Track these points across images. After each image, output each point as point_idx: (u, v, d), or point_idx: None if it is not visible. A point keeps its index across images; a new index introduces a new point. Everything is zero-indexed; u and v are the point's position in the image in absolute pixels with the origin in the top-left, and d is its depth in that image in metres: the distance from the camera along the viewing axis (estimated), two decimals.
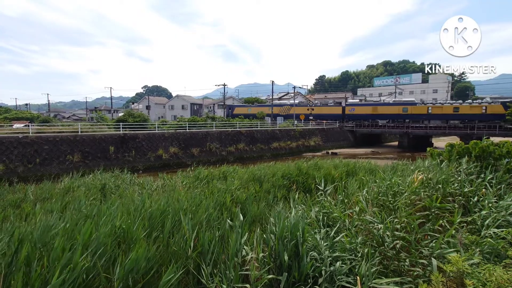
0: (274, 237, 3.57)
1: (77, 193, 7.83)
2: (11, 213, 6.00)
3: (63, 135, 21.37)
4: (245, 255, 3.60)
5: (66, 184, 9.13)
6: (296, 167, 9.87)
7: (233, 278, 3.17)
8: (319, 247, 3.41)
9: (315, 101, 63.70)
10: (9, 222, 4.99)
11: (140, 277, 3.30)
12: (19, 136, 19.50)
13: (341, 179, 8.27)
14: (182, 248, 3.86)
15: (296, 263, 3.20)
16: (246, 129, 32.29)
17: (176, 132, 27.02)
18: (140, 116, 33.13)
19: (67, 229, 4.03)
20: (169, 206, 5.18)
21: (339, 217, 4.34)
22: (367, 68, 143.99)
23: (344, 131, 44.82)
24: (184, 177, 9.92)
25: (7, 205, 6.89)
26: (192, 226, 4.23)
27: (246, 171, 10.24)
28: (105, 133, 23.99)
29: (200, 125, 32.13)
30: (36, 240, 3.57)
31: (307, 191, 7.77)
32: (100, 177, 10.44)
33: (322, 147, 37.83)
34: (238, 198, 6.67)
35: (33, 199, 7.41)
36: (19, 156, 18.69)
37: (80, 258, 3.09)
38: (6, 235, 3.95)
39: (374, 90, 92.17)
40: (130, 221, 4.21)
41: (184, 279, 3.62)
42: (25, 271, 3.03)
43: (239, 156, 28.68)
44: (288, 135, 35.63)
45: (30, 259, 3.22)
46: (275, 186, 8.04)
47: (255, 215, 5.71)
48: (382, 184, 5.59)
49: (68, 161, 20.09)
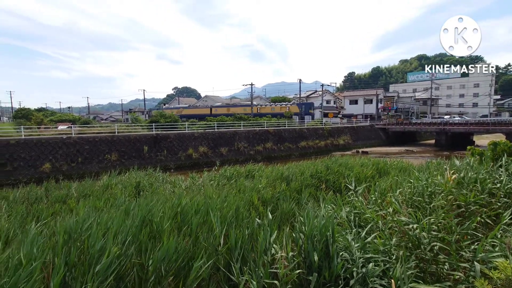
0: (303, 236, 3.54)
1: (115, 190, 8.32)
2: (59, 208, 6.54)
3: (102, 135, 22.77)
4: (274, 253, 3.61)
5: (105, 181, 9.72)
6: (325, 166, 9.69)
7: (262, 275, 3.20)
8: (350, 248, 3.33)
9: (344, 98, 62.08)
10: (59, 216, 5.44)
11: (171, 267, 3.45)
12: (63, 137, 21.08)
13: (372, 179, 8.00)
14: (211, 244, 3.96)
15: (326, 263, 3.15)
16: (274, 128, 32.25)
17: (205, 132, 27.67)
18: (171, 117, 34.34)
19: (104, 222, 4.31)
20: (198, 203, 5.34)
21: (372, 217, 4.20)
22: (400, 63, 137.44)
23: (376, 129, 43.17)
24: (212, 176, 10.14)
25: (55, 201, 7.51)
26: (221, 223, 4.33)
27: (273, 169, 10.24)
28: (139, 133, 25.18)
29: (228, 125, 32.61)
30: (75, 231, 3.87)
31: (336, 191, 7.60)
32: (135, 175, 10.98)
33: (352, 146, 36.75)
34: (266, 196, 6.70)
35: (76, 195, 7.99)
36: (64, 155, 20.19)
37: (113, 246, 3.34)
38: (50, 229, 4.33)
39: (407, 86, 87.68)
40: (161, 215, 4.42)
41: (215, 275, 3.71)
42: (66, 256, 3.32)
43: (267, 155, 28.72)
44: (316, 134, 35.04)
45: (71, 247, 3.51)
46: (303, 185, 7.95)
47: (283, 214, 5.71)
48: (417, 184, 5.32)
49: (106, 160, 21.35)
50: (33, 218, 6.06)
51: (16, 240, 4.30)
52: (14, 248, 3.69)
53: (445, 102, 71.36)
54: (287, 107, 46.09)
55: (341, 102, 62.78)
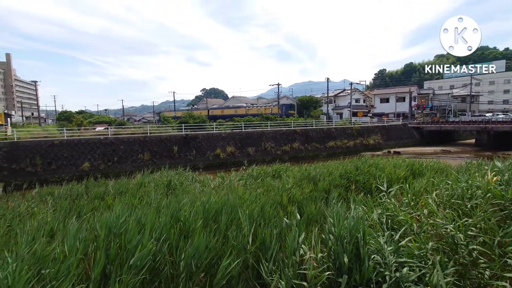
0: (332, 237, 3.48)
1: (148, 188, 8.71)
2: (97, 204, 6.99)
3: (135, 136, 23.90)
4: (303, 254, 3.59)
5: (139, 180, 10.20)
6: (354, 166, 9.43)
7: (291, 276, 3.19)
8: (382, 251, 3.22)
9: (374, 97, 59.90)
10: (97, 212, 5.80)
11: (202, 264, 3.55)
12: (101, 137, 22.42)
13: (405, 180, 7.64)
14: (240, 242, 4.01)
15: (357, 266, 3.08)
16: (301, 128, 31.91)
17: (232, 132, 28.04)
18: (199, 117, 35.21)
19: (139, 218, 4.54)
20: (227, 202, 5.44)
21: (406, 220, 4.02)
22: (435, 59, 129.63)
23: (409, 128, 41.15)
24: (240, 175, 10.26)
25: (94, 197, 8.03)
26: (249, 222, 4.38)
27: (300, 169, 10.14)
28: (170, 134, 26.09)
29: (255, 125, 32.77)
30: (114, 226, 4.11)
31: (367, 192, 7.36)
32: (166, 174, 11.40)
33: (383, 146, 35.35)
34: (294, 196, 6.65)
35: (113, 192, 8.48)
36: (101, 155, 21.47)
37: (148, 242, 3.50)
38: (90, 223, 4.63)
39: (444, 82, 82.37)
40: (191, 213, 4.55)
41: (244, 273, 3.76)
42: (106, 250, 3.53)
43: (294, 155, 28.50)
44: (345, 134, 34.15)
45: (110, 241, 3.74)
46: (332, 185, 7.79)
47: (311, 214, 5.64)
48: (456, 186, 5.01)
49: (140, 160, 22.38)
50: (75, 213, 6.52)
51: (60, 233, 4.65)
52: (59, 241, 3.99)
53: (487, 99, 66.31)
54: (270, 108, 51.75)
55: (371, 100, 60.61)
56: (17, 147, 19.36)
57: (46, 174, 19.09)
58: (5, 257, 3.30)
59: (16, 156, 19.02)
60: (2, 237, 4.31)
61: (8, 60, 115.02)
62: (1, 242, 4.19)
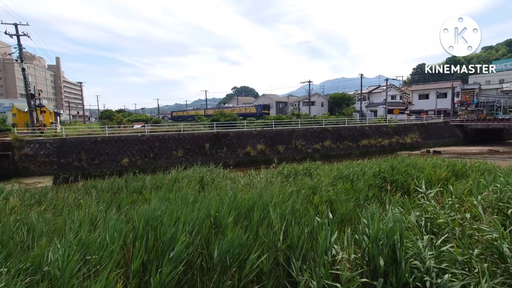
0: (367, 238, 3.37)
1: (182, 184, 9.04)
2: (136, 198, 7.41)
3: (170, 133, 24.90)
4: (335, 254, 3.52)
5: (173, 175, 10.62)
6: (390, 166, 9.02)
7: (323, 275, 3.14)
8: (421, 255, 3.06)
9: (412, 93, 56.72)
10: (136, 205, 6.15)
11: (234, 259, 3.62)
12: (138, 135, 23.67)
13: (447, 181, 7.17)
14: (271, 239, 4.02)
15: (393, 269, 2.95)
16: (333, 126, 31.17)
17: (262, 130, 28.13)
18: (230, 115, 35.76)
19: (173, 212, 4.73)
20: (258, 200, 5.48)
21: (447, 224, 3.78)
22: (482, 51, 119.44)
23: (450, 126, 38.39)
24: (270, 173, 10.27)
25: (133, 191, 8.52)
26: (280, 220, 4.38)
27: (332, 168, 9.92)
28: (202, 131, 26.83)
29: (285, 123, 32.57)
30: (151, 219, 4.32)
31: (404, 193, 7.01)
32: (199, 170, 11.75)
33: (421, 145, 33.39)
34: (325, 195, 6.53)
35: (150, 187, 8.92)
36: (139, 151, 22.67)
37: (182, 235, 3.64)
38: (128, 216, 4.92)
39: (492, 77, 75.31)
40: (223, 209, 4.66)
41: (275, 270, 3.77)
42: (145, 241, 3.73)
43: (325, 154, 27.93)
44: (379, 132, 32.75)
45: (148, 233, 3.94)
46: (366, 185, 7.53)
47: (343, 214, 5.50)
48: (505, 188, 4.61)
49: (174, 156, 23.28)
50: (115, 205, 6.96)
51: (102, 223, 4.99)
52: (101, 230, 4.29)
53: None
54: (249, 109, 59.22)
55: (408, 97, 57.47)
56: (65, 143, 21.08)
57: (90, 168, 20.58)
58: (56, 242, 3.62)
59: (64, 151, 20.72)
60: (54, 225, 4.74)
61: (58, 63, 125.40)
62: (53, 229, 4.60)
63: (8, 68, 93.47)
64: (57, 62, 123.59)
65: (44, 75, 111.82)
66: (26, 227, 4.71)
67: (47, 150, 20.45)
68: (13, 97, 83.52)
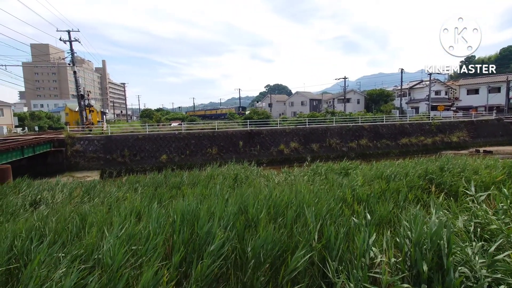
0: (409, 242, 3.22)
1: (217, 180, 9.29)
2: (175, 193, 7.77)
3: (204, 131, 25.66)
4: (373, 257, 3.40)
5: (209, 172, 10.96)
6: (439, 167, 8.45)
7: (361, 278, 3.06)
8: (471, 263, 2.84)
9: (459, 88, 52.43)
10: (175, 200, 6.45)
11: (268, 256, 3.65)
12: (176, 132, 24.71)
13: (502, 184, 6.54)
14: (306, 238, 3.99)
15: (438, 276, 2.79)
16: (369, 124, 29.92)
17: (296, 128, 27.86)
18: (263, 113, 35.89)
19: (209, 207, 4.89)
20: (291, 197, 5.46)
21: (501, 230, 3.47)
22: None
23: (505, 124, 34.87)
24: (304, 171, 10.16)
25: (172, 187, 8.95)
26: (315, 219, 4.33)
27: (371, 167, 9.54)
28: (235, 129, 27.26)
29: (319, 121, 31.93)
30: (187, 213, 4.51)
31: (451, 195, 6.54)
32: (233, 167, 11.98)
33: (469, 144, 30.80)
34: (363, 195, 6.30)
35: (187, 183, 9.30)
36: (176, 148, 23.68)
37: (218, 230, 3.77)
38: (168, 210, 5.17)
39: None
40: (256, 206, 4.71)
41: (309, 270, 3.74)
42: (182, 234, 3.90)
43: (361, 153, 26.94)
44: (422, 130, 30.77)
45: (185, 227, 4.12)
46: (407, 186, 7.13)
47: (381, 216, 5.28)
48: None
49: (208, 153, 23.97)
50: (156, 199, 7.34)
51: (145, 217, 5.30)
52: (145, 223, 4.56)
53: None
54: (230, 109, 69.45)
55: (455, 92, 53.23)
56: (110, 140, 22.68)
57: (132, 164, 21.93)
58: (105, 233, 3.93)
59: (109, 148, 22.30)
60: (104, 216, 5.14)
61: (104, 66, 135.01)
62: (104, 221, 4.99)
63: (62, 72, 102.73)
64: (103, 65, 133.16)
65: (92, 77, 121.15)
66: (80, 217, 5.16)
67: (95, 147, 22.17)
68: (66, 98, 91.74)
